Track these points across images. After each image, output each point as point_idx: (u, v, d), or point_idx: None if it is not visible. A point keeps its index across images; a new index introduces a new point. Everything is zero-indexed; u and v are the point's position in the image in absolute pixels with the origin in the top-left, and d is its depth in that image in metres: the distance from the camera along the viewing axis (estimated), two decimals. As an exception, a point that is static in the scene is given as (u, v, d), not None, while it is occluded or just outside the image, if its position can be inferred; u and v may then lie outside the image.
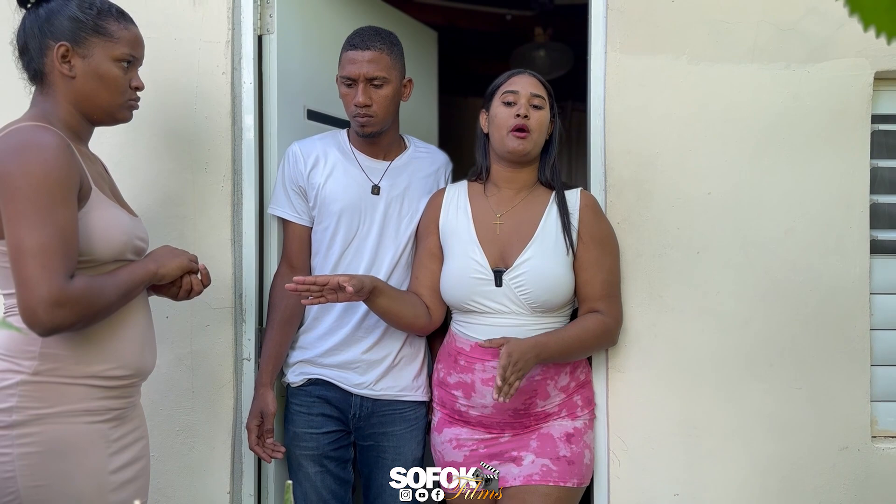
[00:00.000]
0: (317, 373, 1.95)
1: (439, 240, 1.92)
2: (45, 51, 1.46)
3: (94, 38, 1.47)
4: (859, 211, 1.92)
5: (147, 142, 1.97)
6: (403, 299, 1.87)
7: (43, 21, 1.46)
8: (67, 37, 1.45)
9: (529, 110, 1.81)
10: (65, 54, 1.45)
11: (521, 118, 1.79)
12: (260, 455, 1.92)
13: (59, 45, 1.44)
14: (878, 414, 1.98)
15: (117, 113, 1.54)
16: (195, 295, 1.62)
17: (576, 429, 1.84)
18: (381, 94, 1.88)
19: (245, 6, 2.02)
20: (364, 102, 1.86)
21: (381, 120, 1.90)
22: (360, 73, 1.85)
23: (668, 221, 1.94)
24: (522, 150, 1.81)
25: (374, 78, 1.86)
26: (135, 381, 1.52)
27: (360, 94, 1.86)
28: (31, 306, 1.29)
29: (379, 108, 1.88)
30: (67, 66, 1.45)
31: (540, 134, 1.83)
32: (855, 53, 1.91)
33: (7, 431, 1.35)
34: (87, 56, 1.46)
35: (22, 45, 1.49)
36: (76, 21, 1.46)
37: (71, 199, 1.35)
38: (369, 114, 1.88)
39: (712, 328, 1.93)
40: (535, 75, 1.89)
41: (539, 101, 1.83)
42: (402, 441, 1.95)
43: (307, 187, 1.95)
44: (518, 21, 4.02)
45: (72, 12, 1.46)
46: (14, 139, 1.34)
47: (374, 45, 1.87)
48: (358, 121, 1.89)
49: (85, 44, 1.46)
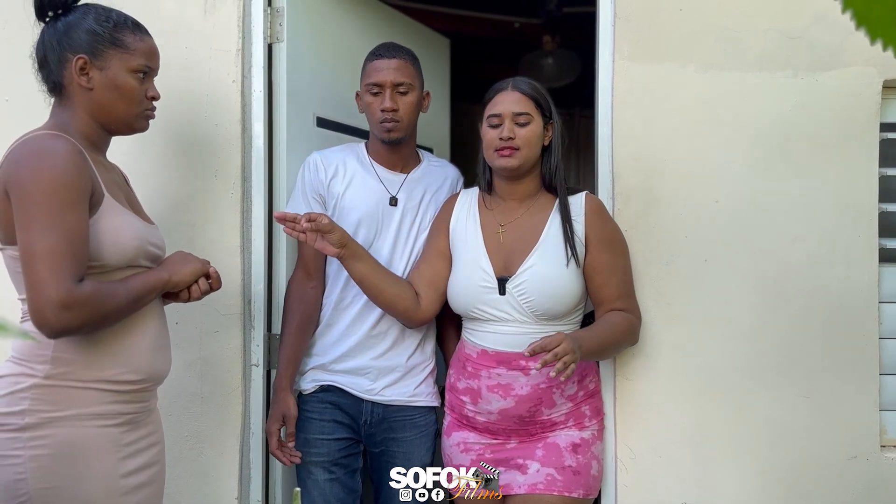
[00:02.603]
0: (329, 379, 1.97)
1: (448, 241, 1.93)
2: (63, 63, 1.48)
3: (111, 50, 1.49)
4: (868, 219, 1.91)
5: (157, 149, 1.99)
6: (385, 274, 1.88)
7: (61, 34, 1.49)
8: (85, 49, 1.48)
9: (514, 129, 1.79)
10: (83, 67, 1.47)
11: (504, 140, 1.78)
12: (280, 459, 1.93)
13: (78, 57, 1.47)
14: (887, 423, 1.97)
15: (134, 123, 1.57)
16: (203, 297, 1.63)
17: (583, 439, 1.83)
18: (407, 101, 1.95)
19: (255, 15, 2.04)
20: (392, 107, 1.92)
21: (405, 126, 1.96)
22: (388, 79, 1.92)
23: (676, 229, 1.94)
24: (509, 167, 1.81)
25: (399, 84, 1.93)
26: (147, 385, 1.53)
27: (388, 99, 1.92)
28: (39, 308, 1.30)
29: (404, 113, 1.94)
30: (86, 79, 1.48)
31: (529, 149, 1.81)
32: (863, 62, 1.90)
33: (19, 434, 1.37)
34: (104, 68, 1.49)
35: (41, 58, 1.52)
36: (94, 34, 1.48)
37: (81, 205, 1.37)
38: (396, 118, 1.93)
39: (720, 336, 1.93)
40: (520, 87, 1.83)
41: (524, 118, 1.80)
42: (411, 447, 1.97)
43: (327, 196, 1.98)
44: (526, 29, 4.03)
45: (89, 25, 1.49)
46: (28, 147, 1.37)
47: (399, 55, 1.96)
48: (385, 126, 1.94)
49: (102, 56, 1.49)
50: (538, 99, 1.83)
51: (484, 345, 1.82)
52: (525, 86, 1.84)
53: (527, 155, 1.81)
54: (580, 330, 1.79)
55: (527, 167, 1.83)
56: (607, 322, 1.81)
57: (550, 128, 1.86)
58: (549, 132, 1.86)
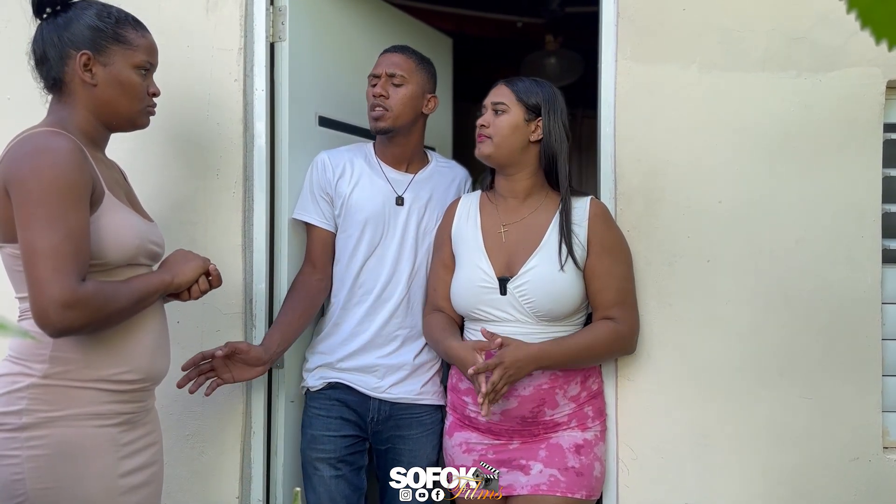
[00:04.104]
0: (336, 377, 1.98)
1: (452, 250, 1.93)
2: (65, 59, 1.47)
3: (114, 46, 1.49)
4: (871, 220, 1.91)
5: (159, 148, 1.99)
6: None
7: (62, 30, 1.47)
8: (88, 45, 1.47)
9: (489, 117, 1.84)
10: (87, 63, 1.47)
11: (479, 127, 1.85)
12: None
13: (82, 53, 1.46)
14: (890, 424, 1.96)
15: (136, 119, 1.57)
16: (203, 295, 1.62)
17: (585, 440, 1.83)
18: (400, 92, 1.97)
19: (258, 14, 2.03)
20: (381, 93, 1.96)
21: (394, 116, 1.97)
22: (383, 69, 1.98)
23: (678, 230, 1.93)
24: (481, 154, 1.86)
25: (393, 75, 1.97)
26: (146, 385, 1.53)
27: (379, 86, 1.97)
28: (42, 307, 1.30)
29: (394, 103, 1.96)
30: (89, 75, 1.47)
31: (502, 137, 1.82)
32: (867, 62, 1.90)
33: (17, 434, 1.36)
34: (108, 64, 1.48)
35: (40, 55, 1.50)
36: (96, 30, 1.48)
37: (82, 203, 1.36)
38: (383, 105, 1.96)
39: (722, 337, 1.93)
40: (508, 82, 1.88)
41: (501, 107, 1.84)
42: (417, 444, 1.98)
43: (334, 195, 2.00)
44: (529, 28, 4.03)
45: (91, 21, 1.48)
46: (27, 145, 1.36)
47: (404, 52, 2.01)
48: (372, 114, 1.98)
49: (106, 52, 1.48)
50: (520, 94, 1.85)
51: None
52: (514, 80, 1.89)
53: (498, 143, 1.83)
54: (550, 340, 1.78)
55: (501, 156, 1.84)
56: (590, 333, 1.81)
57: (538, 124, 1.85)
58: (536, 128, 1.85)
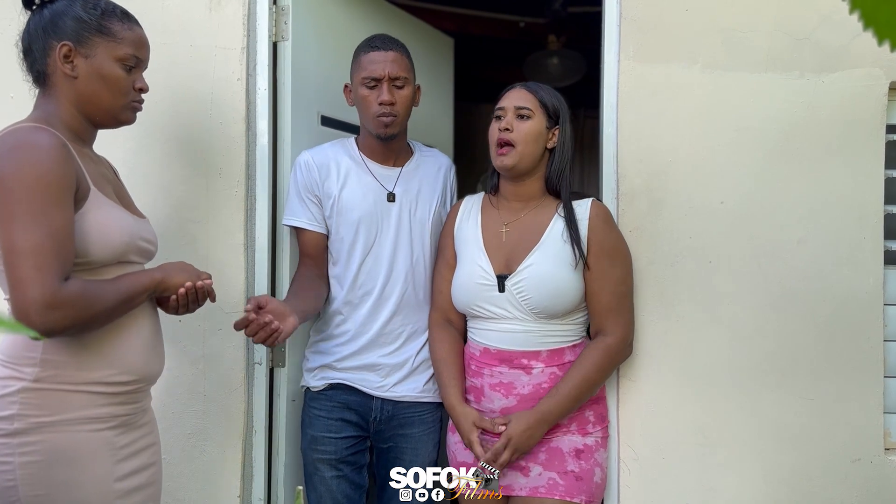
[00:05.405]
0: (338, 377, 1.97)
1: (454, 250, 1.93)
2: (48, 51, 1.44)
3: (97, 37, 1.44)
4: (873, 221, 1.91)
5: (161, 147, 1.99)
6: None
7: (47, 22, 1.44)
8: (70, 36, 1.43)
9: (513, 122, 1.80)
10: (67, 54, 1.43)
11: (503, 132, 1.80)
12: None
13: (62, 44, 1.42)
14: (891, 426, 1.96)
15: (119, 114, 1.51)
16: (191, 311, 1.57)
17: (586, 445, 1.82)
18: (403, 95, 1.92)
19: (260, 13, 2.04)
20: (390, 100, 1.89)
21: (401, 120, 1.94)
22: (385, 72, 1.89)
23: (681, 230, 1.93)
24: (504, 166, 1.82)
25: (396, 77, 1.90)
26: (140, 386, 1.49)
27: (386, 92, 1.89)
28: (23, 308, 1.25)
29: (401, 107, 1.93)
30: (70, 66, 1.43)
31: (526, 145, 1.81)
32: (870, 63, 1.90)
33: (9, 440, 1.32)
34: (89, 56, 1.44)
35: (26, 47, 1.47)
36: (80, 21, 1.44)
37: (66, 200, 1.32)
38: (394, 112, 1.91)
39: (724, 337, 1.93)
40: (528, 86, 1.86)
41: (525, 112, 1.81)
42: (419, 443, 1.98)
43: (322, 197, 1.97)
44: (531, 28, 4.03)
45: (76, 12, 1.44)
46: (10, 140, 1.32)
47: (395, 48, 1.93)
48: (382, 120, 1.91)
49: (88, 44, 1.44)
50: (544, 100, 1.84)
51: (486, 343, 1.83)
52: (533, 86, 1.87)
53: (522, 152, 1.81)
54: (543, 401, 1.75)
55: (524, 166, 1.83)
56: (580, 367, 1.76)
57: (556, 132, 1.85)
58: (553, 136, 1.85)
